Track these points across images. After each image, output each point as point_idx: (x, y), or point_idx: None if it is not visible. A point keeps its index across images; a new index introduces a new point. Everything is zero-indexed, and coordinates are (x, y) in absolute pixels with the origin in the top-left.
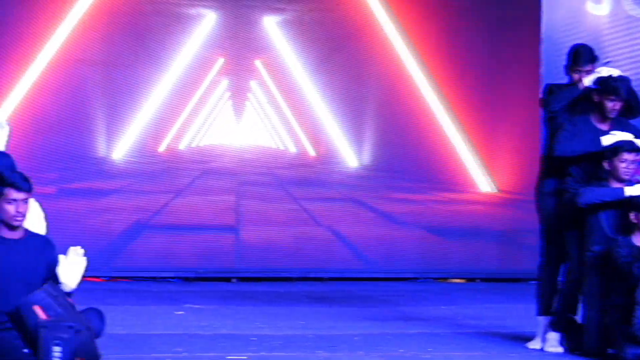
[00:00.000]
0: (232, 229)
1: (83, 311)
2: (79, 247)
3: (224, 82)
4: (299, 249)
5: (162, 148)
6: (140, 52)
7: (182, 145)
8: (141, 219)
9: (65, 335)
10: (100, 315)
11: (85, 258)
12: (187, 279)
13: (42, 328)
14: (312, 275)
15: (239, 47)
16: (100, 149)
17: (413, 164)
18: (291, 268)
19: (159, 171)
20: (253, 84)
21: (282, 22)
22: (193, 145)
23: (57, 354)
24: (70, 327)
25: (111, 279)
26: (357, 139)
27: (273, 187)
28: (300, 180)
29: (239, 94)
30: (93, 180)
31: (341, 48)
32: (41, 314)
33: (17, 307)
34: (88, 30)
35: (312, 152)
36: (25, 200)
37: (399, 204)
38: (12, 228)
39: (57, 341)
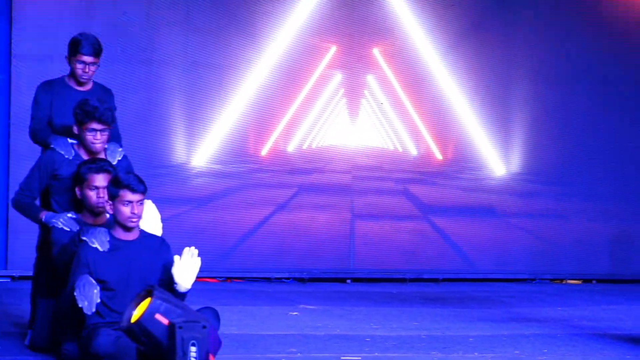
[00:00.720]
0: (346, 230)
1: (199, 310)
2: (193, 248)
3: (337, 76)
4: (413, 250)
5: (265, 151)
6: (227, 29)
7: (290, 147)
8: (255, 220)
9: (199, 335)
10: (215, 315)
11: (199, 258)
12: (301, 280)
13: (179, 329)
14: (425, 276)
15: (353, 30)
16: (206, 149)
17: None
18: (405, 269)
19: (272, 171)
20: (370, 78)
21: None
22: (304, 147)
23: (193, 354)
24: (204, 327)
25: (226, 279)
26: (503, 144)
27: (388, 188)
28: (417, 183)
29: (353, 89)
30: (206, 181)
31: (480, 29)
32: (164, 320)
33: (137, 321)
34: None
35: (438, 156)
36: (141, 202)
37: (514, 205)
38: (127, 229)
39: (193, 341)
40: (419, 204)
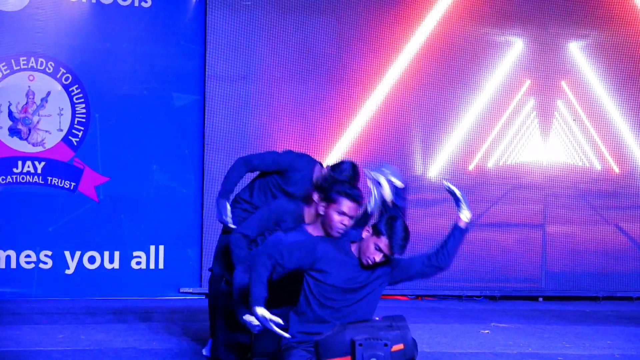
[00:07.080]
0: (538, 247)
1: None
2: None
3: (531, 102)
4: (606, 267)
5: (471, 166)
6: (455, 75)
7: (490, 164)
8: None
9: (381, 353)
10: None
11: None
12: (492, 298)
13: (359, 347)
14: (619, 294)
15: (545, 69)
16: (417, 167)
17: None
18: (598, 287)
19: (467, 189)
20: (559, 102)
21: (584, 46)
22: (500, 163)
23: None
24: (386, 344)
25: (416, 297)
26: None
27: (579, 204)
28: (607, 198)
29: (545, 113)
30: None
31: None
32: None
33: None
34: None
35: (616, 169)
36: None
37: None
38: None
39: (373, 359)
40: (612, 222)
